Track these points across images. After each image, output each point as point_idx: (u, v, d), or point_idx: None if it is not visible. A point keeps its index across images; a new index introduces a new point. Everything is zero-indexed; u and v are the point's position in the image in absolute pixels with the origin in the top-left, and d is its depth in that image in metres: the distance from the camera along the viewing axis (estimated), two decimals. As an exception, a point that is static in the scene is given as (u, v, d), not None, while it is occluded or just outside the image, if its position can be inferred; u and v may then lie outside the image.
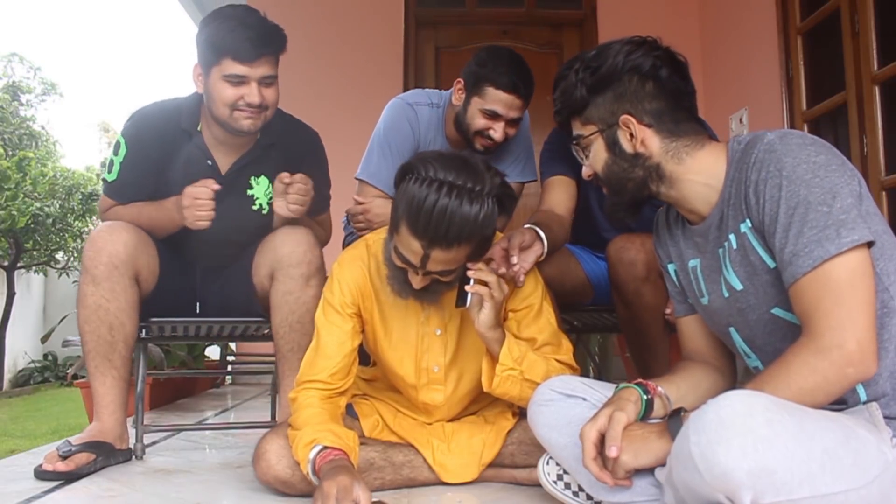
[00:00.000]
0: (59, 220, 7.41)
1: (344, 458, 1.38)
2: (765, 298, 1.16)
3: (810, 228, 1.05)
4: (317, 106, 3.92)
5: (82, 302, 1.80)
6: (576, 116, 1.31)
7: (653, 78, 1.23)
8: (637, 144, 1.23)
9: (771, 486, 0.88)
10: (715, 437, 0.90)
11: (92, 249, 1.78)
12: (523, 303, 1.59)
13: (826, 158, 1.08)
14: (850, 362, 1.00)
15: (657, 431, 1.13)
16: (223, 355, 4.22)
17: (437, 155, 1.37)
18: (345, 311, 1.58)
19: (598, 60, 1.26)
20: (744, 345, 1.26)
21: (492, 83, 1.97)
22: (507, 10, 4.56)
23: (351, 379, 1.59)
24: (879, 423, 1.03)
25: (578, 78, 1.27)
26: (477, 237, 1.36)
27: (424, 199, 1.30)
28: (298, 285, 1.82)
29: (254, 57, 1.75)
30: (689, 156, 1.22)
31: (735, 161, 1.18)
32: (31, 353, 7.98)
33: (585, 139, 1.30)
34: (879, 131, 2.87)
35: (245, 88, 1.77)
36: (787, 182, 1.07)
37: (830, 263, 1.03)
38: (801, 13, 3.45)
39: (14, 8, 30.30)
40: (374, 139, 2.19)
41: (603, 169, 1.29)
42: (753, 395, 0.94)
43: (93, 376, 1.83)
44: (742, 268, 1.18)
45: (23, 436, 4.28)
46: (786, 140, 1.11)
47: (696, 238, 1.29)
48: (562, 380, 1.42)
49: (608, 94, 1.25)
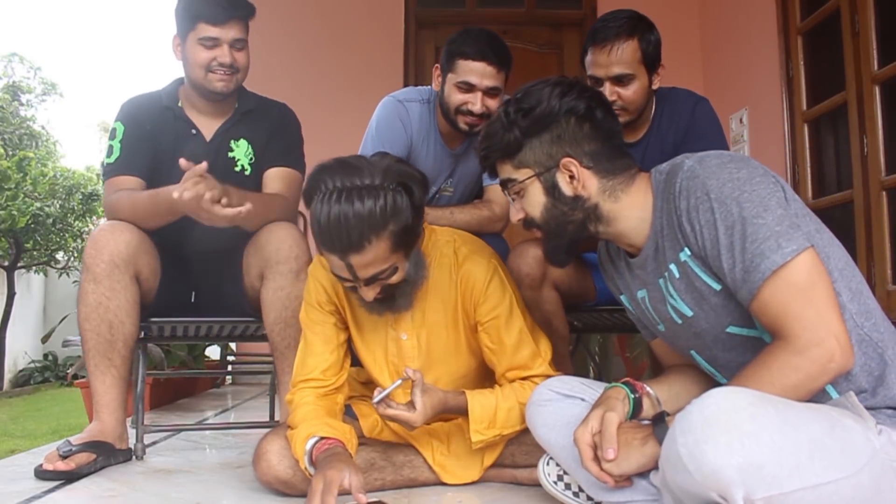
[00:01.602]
0: (60, 220, 7.41)
1: (339, 446, 1.38)
2: (717, 321, 1.18)
3: (752, 242, 1.06)
4: (317, 106, 3.93)
5: (83, 300, 1.80)
6: (506, 160, 1.27)
7: (589, 119, 1.22)
8: (578, 187, 1.22)
9: (761, 481, 0.88)
10: (701, 437, 0.90)
11: (94, 248, 1.79)
12: (489, 315, 1.54)
13: (748, 172, 1.10)
14: (831, 358, 1.02)
15: (640, 438, 1.12)
16: (223, 355, 4.22)
17: (321, 168, 1.36)
18: (323, 309, 1.59)
19: (530, 102, 1.23)
20: (707, 365, 1.27)
21: (461, 55, 1.96)
22: (507, 10, 4.57)
23: (345, 374, 1.59)
24: (862, 412, 1.03)
25: (510, 120, 1.24)
26: (385, 229, 1.33)
27: (319, 213, 1.31)
28: (289, 281, 1.81)
29: (224, 19, 1.89)
30: (624, 192, 1.23)
31: (660, 191, 1.20)
32: (32, 353, 7.98)
33: (519, 184, 1.26)
34: (879, 131, 2.88)
35: (218, 50, 1.90)
36: (717, 204, 1.09)
37: (785, 270, 1.04)
38: (801, 13, 3.45)
39: (14, 8, 30.28)
40: (366, 138, 2.16)
41: (542, 213, 1.26)
42: (736, 392, 0.94)
43: (92, 375, 1.83)
44: (689, 295, 1.19)
45: (23, 436, 4.28)
46: (705, 163, 1.13)
47: (637, 270, 1.29)
48: (560, 380, 1.42)
49: (545, 136, 1.23)
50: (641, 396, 1.24)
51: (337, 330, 1.60)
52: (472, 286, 1.53)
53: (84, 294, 1.80)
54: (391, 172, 1.35)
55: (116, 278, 1.79)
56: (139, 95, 2.05)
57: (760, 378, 1.03)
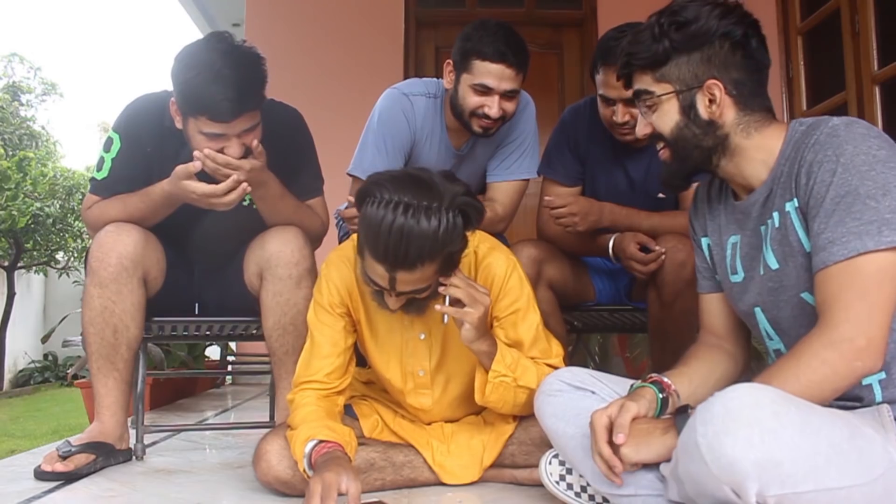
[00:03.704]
0: (60, 220, 7.40)
1: (338, 450, 1.38)
2: (797, 281, 1.16)
3: (853, 220, 1.04)
4: (316, 106, 3.92)
5: (87, 304, 1.77)
6: (647, 71, 1.23)
7: (742, 47, 1.18)
8: (716, 112, 1.19)
9: (776, 478, 0.89)
10: (722, 429, 0.90)
11: (100, 251, 1.74)
12: (508, 310, 1.56)
13: (887, 154, 1.07)
14: (858, 356, 1.01)
15: (662, 427, 1.12)
16: (223, 355, 4.22)
17: (390, 177, 1.34)
18: (334, 311, 1.58)
19: (686, 15, 1.18)
20: (768, 326, 1.25)
21: (478, 55, 1.85)
22: (507, 10, 4.56)
23: (349, 378, 1.58)
24: (888, 424, 1.03)
25: (662, 31, 1.19)
26: (441, 254, 1.33)
27: (381, 221, 1.28)
28: (288, 287, 1.78)
29: (226, 118, 1.62)
30: (757, 131, 1.20)
31: (793, 141, 1.16)
32: (32, 354, 7.98)
33: (656, 97, 1.22)
34: (880, 131, 2.87)
35: (224, 142, 1.66)
36: (842, 169, 1.06)
37: (864, 258, 1.03)
38: (801, 13, 3.45)
39: (14, 8, 30.29)
40: (367, 131, 2.07)
41: (672, 131, 1.23)
42: (760, 388, 0.94)
43: (95, 377, 1.82)
44: (780, 247, 1.17)
45: (23, 436, 4.28)
46: (851, 128, 1.09)
47: (738, 214, 1.27)
48: (571, 371, 1.41)
49: (695, 54, 1.18)
50: (668, 396, 1.23)
51: (345, 333, 1.59)
52: (492, 281, 1.54)
53: (89, 298, 1.76)
54: (458, 198, 1.33)
55: (123, 282, 1.75)
56: (144, 103, 1.85)
57: (788, 371, 1.03)
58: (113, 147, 1.83)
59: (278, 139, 1.83)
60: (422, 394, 1.63)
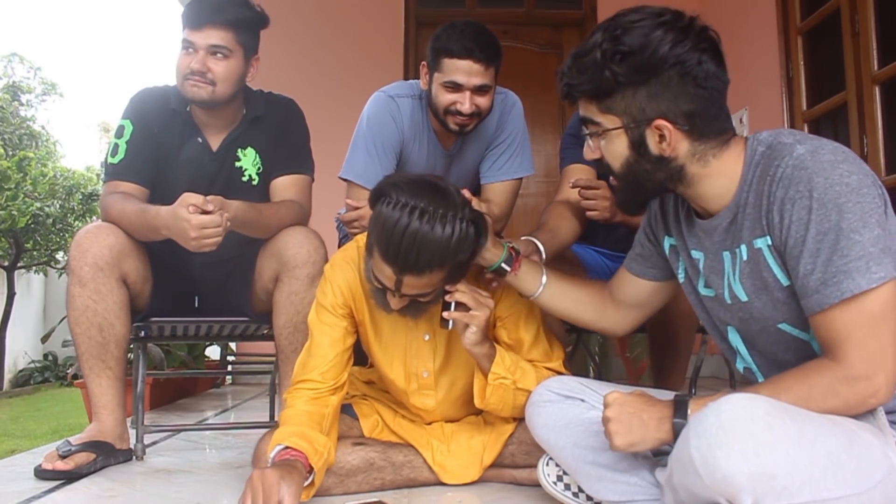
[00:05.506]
0: (60, 220, 7.40)
1: (299, 460, 1.37)
2: (772, 314, 1.13)
3: (840, 257, 1.00)
4: (316, 106, 3.91)
5: (71, 304, 1.79)
6: (592, 101, 1.15)
7: (694, 77, 1.08)
8: (666, 149, 1.12)
9: (772, 491, 0.88)
10: (715, 442, 0.89)
11: (77, 251, 1.77)
12: (510, 310, 1.57)
13: (858, 180, 1.02)
14: (874, 393, 1.00)
15: (657, 419, 1.08)
16: (223, 355, 4.21)
17: (408, 180, 1.34)
18: (337, 312, 1.58)
19: (632, 43, 1.08)
20: (742, 345, 1.23)
21: (446, 53, 1.88)
22: (507, 10, 4.56)
23: (346, 375, 1.58)
24: (885, 427, 1.02)
25: (606, 59, 1.09)
26: (450, 262, 1.33)
27: (395, 223, 1.28)
28: (304, 286, 1.80)
29: (198, 24, 1.78)
30: (715, 158, 1.13)
31: (754, 164, 1.11)
32: (32, 353, 7.97)
33: (604, 130, 1.15)
34: (879, 131, 2.88)
35: (193, 56, 1.80)
36: (817, 205, 1.01)
37: (866, 295, 1.00)
38: (801, 13, 3.45)
39: (14, 8, 30.28)
40: (357, 135, 2.08)
41: (622, 166, 1.17)
42: (754, 399, 0.93)
43: (88, 378, 1.83)
44: (750, 281, 1.14)
45: (23, 436, 4.27)
46: (817, 156, 1.04)
47: (699, 232, 1.22)
48: (559, 380, 1.42)
49: (642, 90, 1.09)
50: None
51: (345, 334, 1.59)
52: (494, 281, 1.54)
53: (71, 298, 1.78)
54: (469, 207, 1.34)
55: (101, 281, 1.76)
56: (149, 90, 1.97)
57: (798, 394, 1.00)
58: (126, 132, 1.90)
59: (278, 124, 1.97)
60: (425, 395, 1.63)
